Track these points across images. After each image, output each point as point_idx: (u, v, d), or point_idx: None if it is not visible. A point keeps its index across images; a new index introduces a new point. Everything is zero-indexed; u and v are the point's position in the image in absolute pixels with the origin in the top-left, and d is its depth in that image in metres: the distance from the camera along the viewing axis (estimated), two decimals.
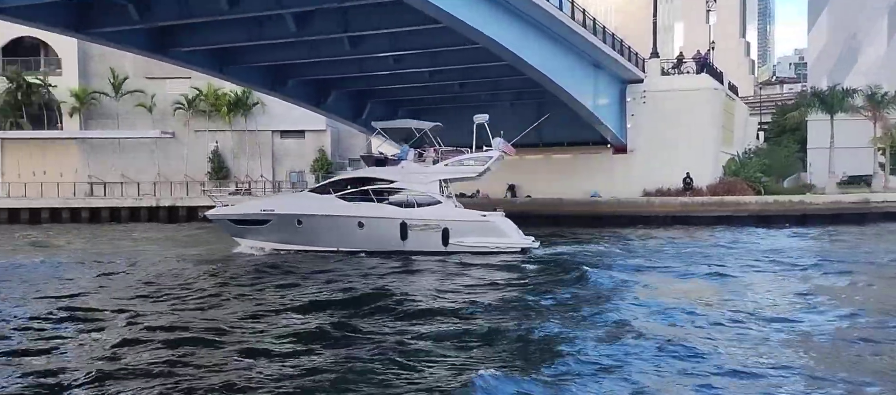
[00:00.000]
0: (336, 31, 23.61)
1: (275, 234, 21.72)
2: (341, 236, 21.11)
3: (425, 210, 21.10)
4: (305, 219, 21.45)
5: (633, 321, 10.71)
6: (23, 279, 16.22)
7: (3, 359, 8.96)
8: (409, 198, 21.24)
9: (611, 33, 32.24)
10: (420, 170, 21.68)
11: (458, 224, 20.82)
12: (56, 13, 20.98)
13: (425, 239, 20.72)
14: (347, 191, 21.55)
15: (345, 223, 21.06)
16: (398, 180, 21.43)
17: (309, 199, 22.47)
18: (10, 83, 45.86)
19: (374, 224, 20.93)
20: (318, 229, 21.31)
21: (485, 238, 20.68)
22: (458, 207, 22.39)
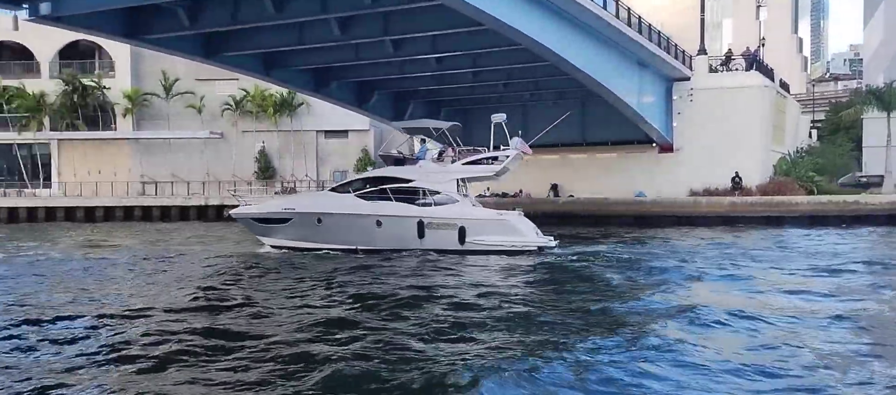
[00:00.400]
0: (378, 34, 23.91)
1: (296, 232, 22.02)
2: (360, 235, 21.39)
3: (442, 209, 21.23)
4: (325, 218, 21.76)
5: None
6: (64, 274, 16.86)
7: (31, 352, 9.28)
8: (426, 196, 21.42)
9: (656, 31, 31.74)
10: (438, 169, 21.83)
11: (475, 223, 21.01)
12: (111, 21, 21.79)
13: (442, 237, 20.90)
14: (366, 190, 21.82)
15: (363, 222, 21.35)
16: (416, 179, 21.51)
17: (329, 198, 22.83)
18: (67, 86, 47.56)
19: (392, 223, 21.18)
20: (338, 227, 21.63)
21: (501, 237, 20.80)
22: (476, 205, 22.50)
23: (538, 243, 20.85)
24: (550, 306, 12.28)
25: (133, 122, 48.53)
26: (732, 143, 34.88)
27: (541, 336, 9.77)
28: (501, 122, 22.66)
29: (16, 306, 12.44)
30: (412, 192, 21.45)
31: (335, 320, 10.94)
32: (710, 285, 14.50)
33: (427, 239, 20.92)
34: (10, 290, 14.29)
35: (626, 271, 16.50)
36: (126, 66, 48.03)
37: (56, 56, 48.53)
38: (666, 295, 13.06)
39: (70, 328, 10.38)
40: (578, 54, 25.61)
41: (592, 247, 22.22)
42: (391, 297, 13.06)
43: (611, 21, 26.07)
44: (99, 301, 12.91)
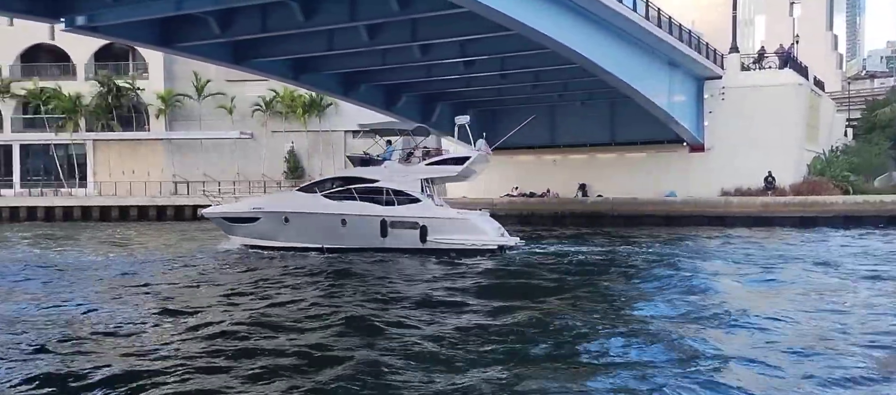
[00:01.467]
0: (406, 40, 24.05)
1: (264, 231, 22.63)
2: (325, 234, 21.88)
3: (404, 209, 21.65)
4: (292, 217, 22.38)
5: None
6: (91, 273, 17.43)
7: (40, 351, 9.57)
8: (390, 196, 21.85)
9: (687, 30, 31.36)
10: (402, 170, 22.30)
11: (436, 222, 21.39)
12: (144, 30, 22.26)
13: (404, 237, 21.38)
14: (333, 190, 22.39)
15: (329, 221, 21.84)
16: (381, 180, 21.93)
17: (296, 197, 23.42)
18: (102, 87, 48.61)
19: (356, 222, 21.67)
20: (304, 226, 22.16)
21: (462, 236, 21.16)
22: (442, 205, 22.89)
23: (499, 243, 21.18)
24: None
25: (166, 122, 49.40)
26: (765, 142, 34.32)
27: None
28: (465, 124, 23.38)
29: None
30: (377, 192, 21.91)
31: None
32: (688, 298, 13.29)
33: (389, 238, 21.44)
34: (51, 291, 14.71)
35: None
36: (159, 67, 48.87)
37: (91, 58, 49.61)
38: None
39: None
40: (607, 57, 25.44)
41: (574, 246, 22.40)
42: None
43: (641, 23, 25.82)
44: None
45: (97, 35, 22.98)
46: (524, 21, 20.52)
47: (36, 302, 13.00)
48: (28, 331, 10.40)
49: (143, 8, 19.91)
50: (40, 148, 50.19)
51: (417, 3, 20.50)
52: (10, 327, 10.65)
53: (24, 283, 15.68)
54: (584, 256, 20.20)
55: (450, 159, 22.73)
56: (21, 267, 18.47)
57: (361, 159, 23.68)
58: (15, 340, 9.79)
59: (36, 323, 10.98)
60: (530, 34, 21.68)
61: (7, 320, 11.29)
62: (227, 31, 22.47)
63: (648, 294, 13.54)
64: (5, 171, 49.86)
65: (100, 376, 7.98)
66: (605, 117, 37.40)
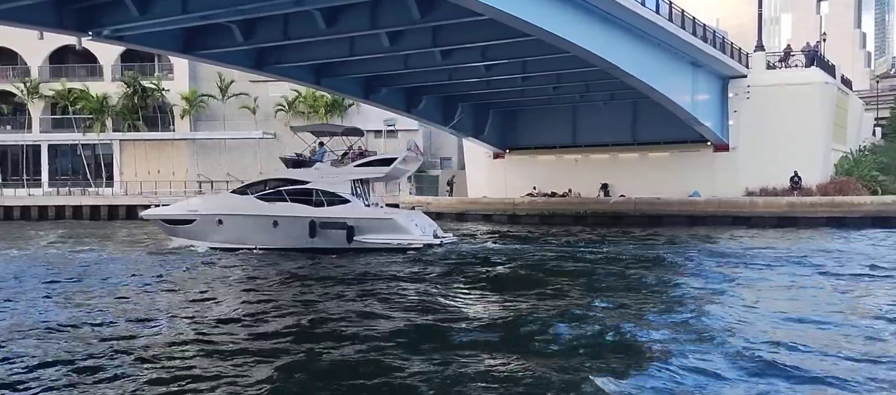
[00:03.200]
0: (427, 45, 24.15)
1: (199, 232, 23.27)
2: (257, 234, 22.53)
3: (333, 209, 22.25)
4: (225, 218, 23.03)
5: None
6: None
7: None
8: (319, 197, 22.32)
9: (711, 30, 31.00)
10: (332, 171, 22.88)
11: (362, 222, 22.06)
12: (169, 39, 22.66)
13: (332, 237, 22.02)
14: (265, 191, 22.91)
15: (260, 222, 22.49)
16: (311, 182, 22.48)
17: (230, 199, 24.12)
18: (128, 88, 49.30)
19: (287, 223, 22.28)
20: (237, 227, 22.84)
21: (386, 235, 21.84)
22: (377, 205, 23.52)
23: (425, 242, 21.74)
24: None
25: (190, 122, 49.99)
26: (791, 141, 33.87)
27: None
28: (392, 127, 23.94)
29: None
30: (307, 193, 22.46)
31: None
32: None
33: (318, 238, 22.01)
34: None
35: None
36: (184, 68, 49.45)
37: (118, 59, 50.32)
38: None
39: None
40: (629, 59, 25.27)
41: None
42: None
43: (663, 25, 25.60)
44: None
45: (122, 43, 23.51)
46: (545, 27, 20.47)
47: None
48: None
49: (169, 20, 20.22)
50: (68, 148, 51.08)
51: (438, 10, 20.52)
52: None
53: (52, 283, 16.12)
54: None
55: (377, 160, 23.32)
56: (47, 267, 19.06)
57: (294, 161, 24.19)
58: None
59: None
60: (552, 39, 21.62)
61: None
62: (250, 38, 22.75)
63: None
64: (34, 170, 50.82)
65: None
66: (627, 117, 37.13)
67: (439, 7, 20.34)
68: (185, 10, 19.57)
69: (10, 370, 8.46)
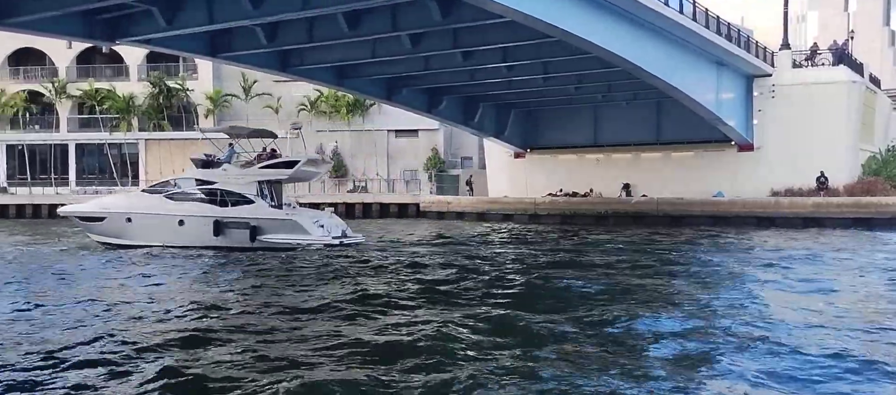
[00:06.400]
0: (448, 47, 24.29)
1: (110, 229, 23.91)
2: (164, 233, 23.11)
3: (237, 209, 22.99)
4: (134, 217, 23.72)
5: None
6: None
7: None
8: (224, 198, 23.08)
9: (736, 29, 30.69)
10: (239, 173, 23.65)
11: (265, 222, 22.78)
12: (194, 42, 23.10)
13: (235, 236, 22.72)
14: (174, 191, 23.71)
15: (167, 221, 23.19)
16: (218, 182, 23.23)
17: (139, 198, 25.11)
18: (153, 88, 49.98)
19: (192, 222, 23.01)
20: (145, 226, 23.48)
21: (288, 235, 22.54)
22: (288, 205, 24.20)
23: (324, 242, 22.38)
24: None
25: (214, 122, 50.42)
26: (817, 141, 33.41)
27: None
28: (299, 131, 26.48)
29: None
30: (214, 193, 23.20)
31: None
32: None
33: (222, 237, 22.73)
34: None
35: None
36: (208, 69, 49.94)
37: (144, 60, 50.99)
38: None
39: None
40: (652, 60, 25.11)
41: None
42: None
43: (687, 24, 25.40)
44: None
45: (149, 47, 23.84)
46: (567, 28, 20.44)
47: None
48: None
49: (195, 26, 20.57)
50: (95, 147, 51.93)
51: (460, 12, 20.57)
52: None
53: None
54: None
55: (281, 163, 23.92)
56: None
57: (203, 162, 24.81)
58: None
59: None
60: (573, 40, 21.59)
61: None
62: (274, 41, 23.04)
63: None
64: (62, 169, 51.74)
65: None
66: (650, 117, 36.88)
67: (460, 9, 20.39)
68: (211, 20, 20.03)
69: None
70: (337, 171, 49.04)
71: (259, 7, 19.36)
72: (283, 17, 20.92)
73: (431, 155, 48.31)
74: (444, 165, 48.15)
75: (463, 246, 23.64)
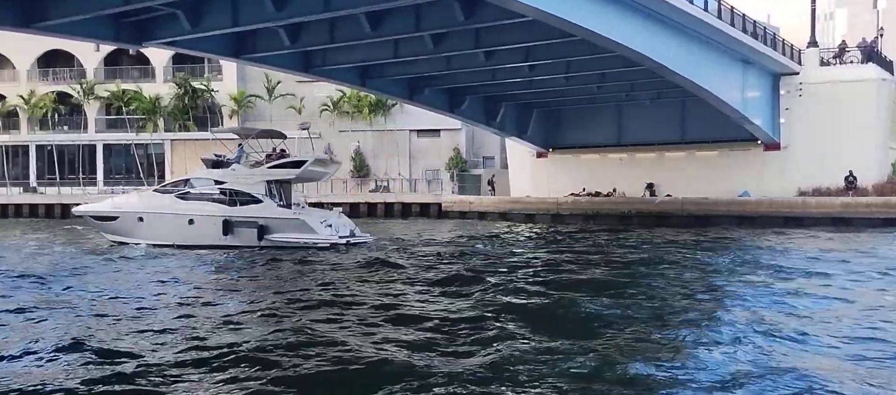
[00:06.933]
0: (470, 47, 24.32)
1: (123, 229, 24.41)
2: (174, 232, 23.46)
3: (245, 209, 23.30)
4: (146, 216, 24.15)
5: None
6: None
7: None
8: (233, 197, 23.43)
9: (762, 26, 30.29)
10: (248, 172, 23.97)
11: (273, 221, 23.06)
12: (218, 44, 23.35)
13: (244, 235, 23.00)
14: (184, 190, 24.19)
15: (177, 220, 23.58)
16: (227, 182, 23.57)
17: (151, 198, 25.39)
18: (179, 89, 50.59)
19: (202, 221, 23.36)
20: (156, 225, 23.89)
21: (295, 234, 22.81)
22: (296, 205, 24.44)
23: (331, 241, 22.54)
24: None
25: (238, 122, 50.89)
26: (845, 139, 32.88)
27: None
28: (307, 132, 27.17)
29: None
30: (223, 193, 23.53)
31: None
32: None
33: (231, 237, 23.04)
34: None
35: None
36: (232, 70, 50.39)
37: (169, 61, 51.62)
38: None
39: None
40: (676, 58, 24.88)
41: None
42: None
43: (712, 22, 25.13)
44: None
45: (174, 48, 24.18)
46: (591, 27, 20.34)
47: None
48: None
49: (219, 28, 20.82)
50: (122, 147, 52.71)
51: (482, 12, 20.56)
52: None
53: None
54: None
55: (288, 163, 24.16)
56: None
57: (213, 162, 25.09)
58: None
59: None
60: (597, 39, 21.49)
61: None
62: (297, 42, 23.22)
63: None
64: (90, 169, 52.60)
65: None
66: (674, 115, 36.56)
67: (483, 9, 20.38)
68: (235, 22, 20.32)
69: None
70: (359, 171, 49.25)
71: (282, 9, 19.53)
72: (306, 19, 21.07)
73: (453, 155, 48.30)
74: (465, 164, 48.12)
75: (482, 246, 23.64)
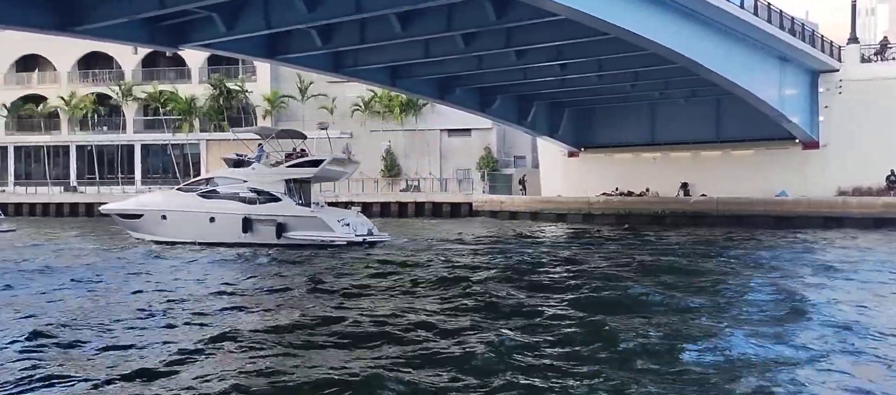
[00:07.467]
0: (501, 46, 24.22)
1: (147, 227, 24.89)
2: (196, 229, 23.89)
3: (265, 207, 23.70)
4: (169, 214, 24.63)
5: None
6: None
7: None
8: (251, 196, 23.85)
9: (800, 23, 29.63)
10: (268, 171, 24.36)
11: (291, 220, 23.41)
12: (252, 45, 23.59)
13: (263, 232, 23.33)
14: (206, 189, 24.75)
15: (199, 218, 24.04)
16: (248, 180, 24.02)
17: (174, 196, 25.85)
18: (214, 90, 51.41)
19: (223, 219, 23.78)
20: (179, 223, 24.33)
21: (313, 232, 23.12)
22: (316, 204, 24.76)
23: (347, 239, 22.82)
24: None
25: (272, 122, 51.50)
26: (887, 138, 32.11)
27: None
28: (326, 132, 27.35)
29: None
30: (243, 191, 23.94)
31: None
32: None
33: (250, 234, 23.38)
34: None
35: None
36: (266, 70, 51.05)
37: (205, 63, 52.50)
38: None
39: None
40: (712, 56, 24.45)
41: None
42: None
43: (749, 19, 24.64)
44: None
45: (209, 50, 24.57)
46: (624, 25, 20.10)
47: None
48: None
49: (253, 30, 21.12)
50: (159, 147, 53.77)
51: (513, 12, 20.46)
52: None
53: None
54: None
55: (306, 162, 24.48)
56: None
57: (235, 161, 25.57)
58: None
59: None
60: (631, 38, 21.24)
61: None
62: (328, 42, 23.39)
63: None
64: (128, 169, 53.76)
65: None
66: (709, 114, 36.01)
67: (515, 8, 20.28)
68: (268, 24, 20.56)
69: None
70: (390, 170, 49.46)
71: (314, 10, 19.71)
72: (337, 20, 21.22)
73: (484, 154, 48.21)
74: (496, 164, 48.00)
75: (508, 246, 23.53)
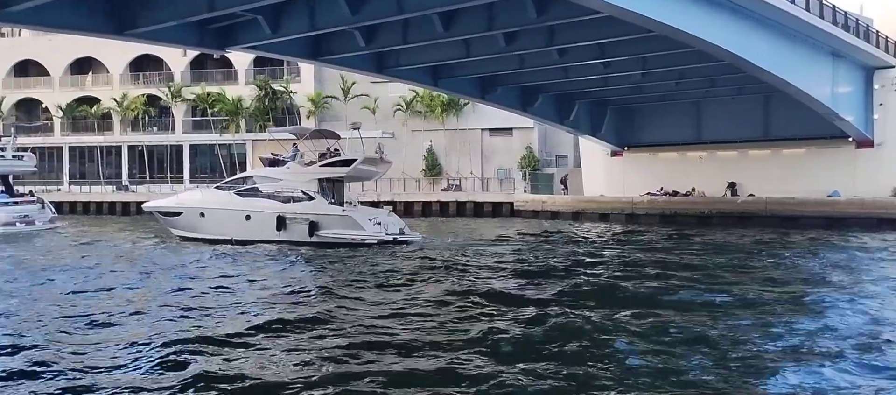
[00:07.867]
0: (543, 45, 24.07)
1: (186, 224, 25.68)
2: (233, 227, 24.55)
3: (298, 205, 24.37)
4: (207, 212, 25.38)
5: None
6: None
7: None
8: (286, 194, 24.60)
9: (854, 18, 28.70)
10: (301, 171, 25.05)
11: (324, 218, 23.99)
12: (296, 46, 23.87)
13: (296, 230, 23.91)
14: (243, 188, 25.58)
15: (236, 216, 24.71)
16: (283, 179, 24.77)
17: (212, 194, 26.62)
18: (260, 91, 52.36)
19: (258, 217, 24.50)
20: (216, 220, 25.04)
21: (344, 231, 23.63)
22: (349, 203, 25.31)
23: (379, 238, 23.32)
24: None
25: (315, 122, 52.17)
26: None
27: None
28: (359, 132, 27.27)
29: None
30: (278, 190, 24.73)
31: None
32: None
33: (285, 232, 24.02)
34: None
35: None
36: (310, 72, 51.76)
37: (251, 64, 53.54)
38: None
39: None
40: (760, 53, 23.83)
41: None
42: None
43: (798, 14, 23.94)
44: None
45: (255, 52, 25.05)
46: (669, 22, 19.75)
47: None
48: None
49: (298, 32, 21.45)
50: (206, 148, 55.02)
51: (555, 10, 20.27)
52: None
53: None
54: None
55: (339, 162, 25.04)
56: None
57: (270, 161, 26.42)
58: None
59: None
60: (676, 35, 20.88)
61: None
62: (371, 43, 23.56)
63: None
64: (177, 168, 55.15)
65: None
66: (757, 112, 35.18)
67: (556, 6, 20.09)
68: (313, 26, 20.89)
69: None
70: (431, 170, 49.61)
71: (357, 12, 19.90)
72: (380, 21, 21.38)
73: (526, 153, 47.98)
74: (538, 163, 47.70)
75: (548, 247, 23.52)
